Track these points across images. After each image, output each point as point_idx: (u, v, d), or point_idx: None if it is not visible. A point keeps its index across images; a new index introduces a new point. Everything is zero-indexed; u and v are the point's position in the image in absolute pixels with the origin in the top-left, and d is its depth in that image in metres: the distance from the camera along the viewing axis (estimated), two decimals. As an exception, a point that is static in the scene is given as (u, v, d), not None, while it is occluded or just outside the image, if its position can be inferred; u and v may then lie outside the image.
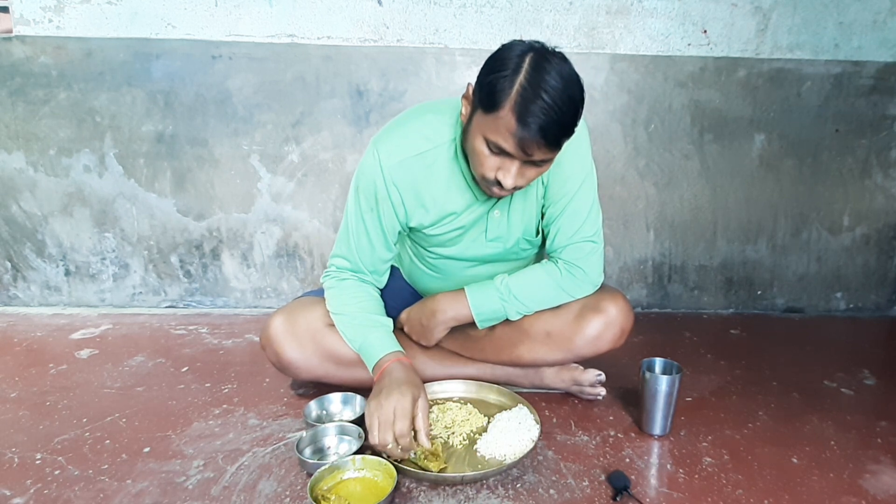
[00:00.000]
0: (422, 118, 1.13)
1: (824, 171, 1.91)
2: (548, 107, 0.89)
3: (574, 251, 1.19)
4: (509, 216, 1.19)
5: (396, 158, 1.10)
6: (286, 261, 1.93)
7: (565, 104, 0.91)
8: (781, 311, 2.04)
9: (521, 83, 0.90)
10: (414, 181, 1.12)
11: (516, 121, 0.90)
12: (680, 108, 1.84)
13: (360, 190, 1.14)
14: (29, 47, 1.71)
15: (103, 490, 1.01)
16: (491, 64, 0.95)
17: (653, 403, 1.18)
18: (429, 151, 1.11)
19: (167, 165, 1.82)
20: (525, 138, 0.91)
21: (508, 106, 0.90)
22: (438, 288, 1.30)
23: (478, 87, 0.96)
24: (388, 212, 1.15)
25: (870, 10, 1.78)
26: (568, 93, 0.91)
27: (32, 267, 1.90)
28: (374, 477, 1.01)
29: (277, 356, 1.23)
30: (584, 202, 1.18)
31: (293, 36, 1.74)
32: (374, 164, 1.11)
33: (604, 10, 1.75)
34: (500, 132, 0.93)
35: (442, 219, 1.16)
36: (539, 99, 0.89)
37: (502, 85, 0.91)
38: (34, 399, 1.33)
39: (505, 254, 1.24)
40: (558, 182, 1.16)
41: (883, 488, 1.05)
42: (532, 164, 0.98)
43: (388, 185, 1.12)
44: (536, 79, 0.89)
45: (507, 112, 0.91)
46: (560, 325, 1.23)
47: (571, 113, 0.93)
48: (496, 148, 0.95)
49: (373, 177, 1.12)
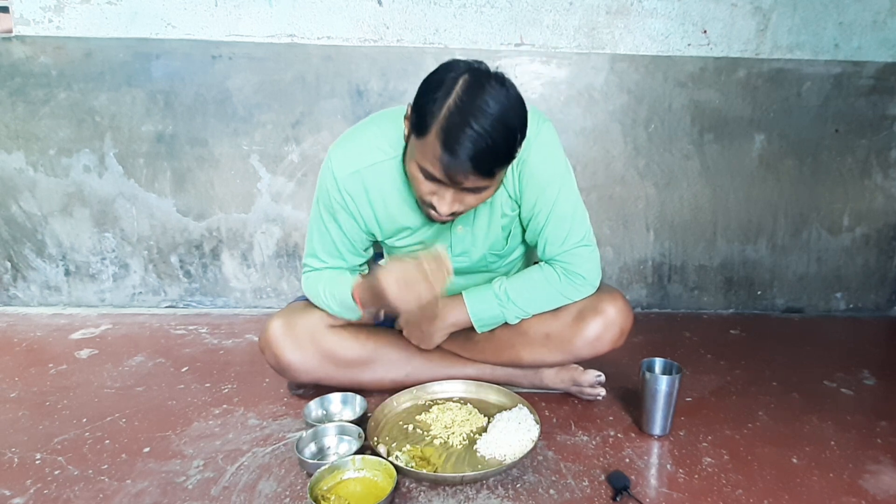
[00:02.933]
0: (378, 127, 1.10)
1: (824, 171, 1.91)
2: (476, 134, 0.84)
3: (569, 258, 1.17)
4: (473, 232, 1.16)
5: (349, 169, 1.08)
6: (286, 261, 1.93)
7: (497, 131, 0.85)
8: (781, 311, 2.04)
9: (448, 107, 0.85)
10: (366, 192, 1.10)
11: (441, 147, 0.86)
12: (680, 108, 1.84)
13: (320, 199, 1.14)
14: (29, 47, 1.71)
15: (103, 490, 1.01)
16: (425, 85, 0.90)
17: (653, 403, 1.18)
18: (383, 163, 1.07)
19: (167, 165, 1.82)
20: (451, 166, 0.86)
21: (434, 131, 0.86)
22: None
23: (413, 110, 0.92)
24: (347, 220, 1.14)
25: (870, 10, 1.78)
26: (502, 120, 0.86)
27: (32, 267, 1.90)
28: (373, 477, 1.01)
29: (277, 359, 1.23)
30: (566, 207, 1.14)
31: (293, 36, 1.74)
32: (328, 173, 1.10)
33: (604, 10, 1.75)
34: (429, 158, 0.89)
35: (398, 232, 1.15)
36: (466, 126, 0.84)
37: (431, 108, 0.86)
38: (34, 399, 1.33)
39: (473, 267, 1.23)
40: (534, 193, 1.12)
41: (883, 488, 1.05)
42: (468, 191, 0.93)
43: (342, 193, 1.10)
44: (466, 103, 0.84)
45: (433, 137, 0.86)
46: (559, 327, 1.23)
47: (504, 140, 0.88)
48: (428, 174, 0.91)
49: (327, 186, 1.11)
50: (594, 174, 1.88)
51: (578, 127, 1.84)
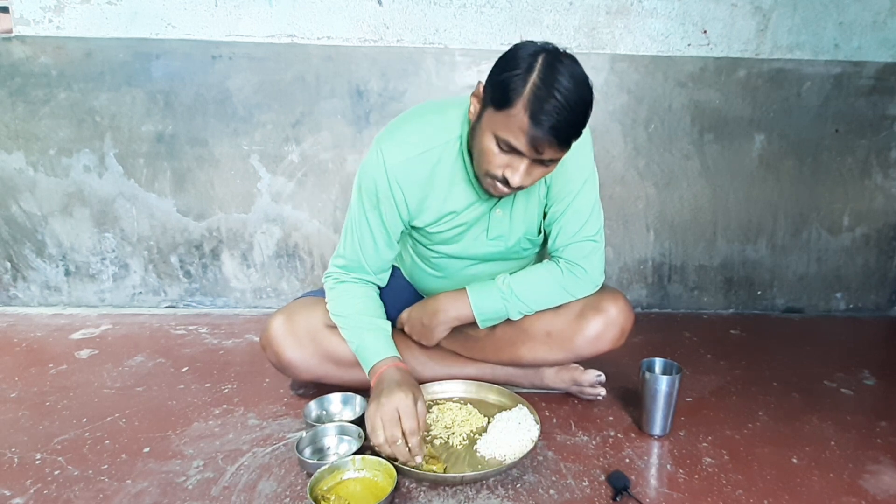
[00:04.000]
0: (424, 117, 1.14)
1: (824, 171, 1.91)
2: (560, 106, 0.90)
3: (575, 250, 1.20)
4: (511, 215, 1.19)
5: (400, 157, 1.10)
6: (286, 261, 1.93)
7: (577, 104, 0.92)
8: (781, 311, 2.04)
9: (534, 82, 0.91)
10: (417, 180, 1.12)
11: (529, 119, 0.91)
12: (680, 108, 1.84)
13: (363, 189, 1.15)
14: (29, 47, 1.71)
15: (103, 490, 1.01)
16: (503, 63, 0.96)
17: (653, 403, 1.18)
18: (432, 150, 1.11)
19: (167, 165, 1.82)
20: (537, 136, 0.92)
21: (521, 104, 0.91)
22: (439, 287, 1.30)
23: (489, 85, 0.97)
24: (391, 210, 1.15)
25: (870, 10, 1.78)
26: (579, 93, 0.93)
27: (32, 267, 1.90)
28: (374, 477, 1.01)
29: (277, 357, 1.24)
30: (586, 202, 1.18)
31: (293, 36, 1.74)
32: (377, 163, 1.11)
33: (604, 10, 1.75)
34: (512, 129, 0.93)
35: (443, 217, 1.17)
36: (552, 98, 0.90)
37: (515, 83, 0.92)
38: (34, 399, 1.33)
39: (506, 253, 1.24)
40: (561, 182, 1.16)
41: (883, 488, 1.05)
42: (540, 164, 0.99)
43: (391, 183, 1.12)
44: (549, 78, 0.91)
45: (520, 110, 0.91)
46: (560, 325, 1.23)
47: (582, 113, 0.95)
48: (506, 146, 0.96)
49: (375, 175, 1.12)
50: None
51: (578, 127, 1.84)
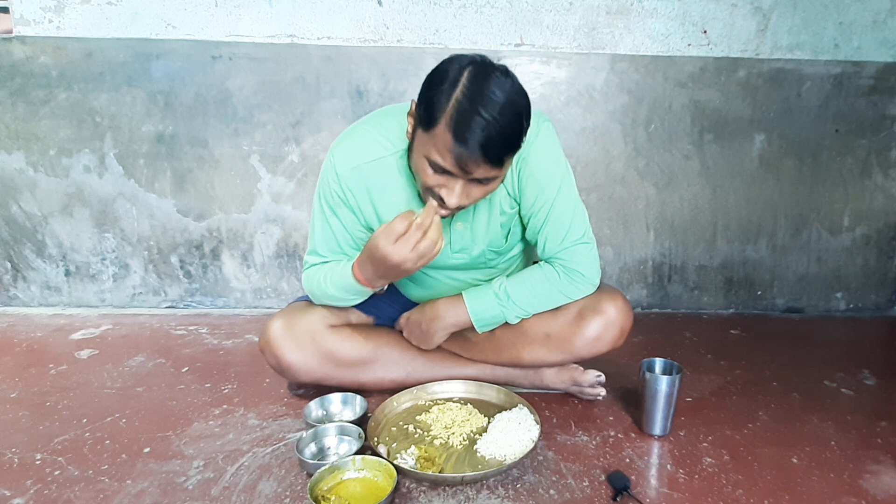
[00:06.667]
0: (379, 123, 1.11)
1: (824, 171, 1.91)
2: (486, 122, 0.86)
3: (568, 255, 1.18)
4: (473, 228, 1.16)
5: (351, 164, 1.09)
6: (286, 261, 1.93)
7: (505, 118, 0.88)
8: (781, 311, 2.04)
9: (457, 97, 0.87)
10: (368, 187, 1.11)
11: (452, 137, 0.87)
12: (680, 109, 1.84)
13: (322, 194, 1.14)
14: (29, 47, 1.71)
15: (103, 490, 1.01)
16: (431, 78, 0.92)
17: (653, 403, 1.18)
18: (384, 158, 1.09)
19: (167, 165, 1.82)
20: (462, 155, 0.88)
21: (444, 121, 0.87)
22: (423, 296, 1.31)
23: (418, 104, 0.93)
24: (348, 215, 1.14)
25: (870, 10, 1.78)
26: (508, 107, 0.88)
27: (32, 267, 1.90)
28: (374, 477, 1.01)
29: (277, 359, 1.23)
30: (566, 206, 1.15)
31: (293, 36, 1.74)
32: (330, 169, 1.11)
33: (604, 10, 1.75)
34: (439, 149, 0.90)
35: None
36: (476, 114, 0.86)
37: (439, 100, 0.88)
38: (34, 399, 1.33)
39: (472, 263, 1.23)
40: (534, 191, 1.13)
41: (883, 488, 1.05)
42: (476, 182, 0.95)
43: (343, 189, 1.11)
44: (474, 93, 0.86)
45: (443, 128, 0.88)
46: (559, 327, 1.23)
47: (512, 128, 0.90)
48: (436, 167, 0.92)
49: (329, 181, 1.11)
50: (594, 174, 1.88)
51: (578, 127, 1.84)
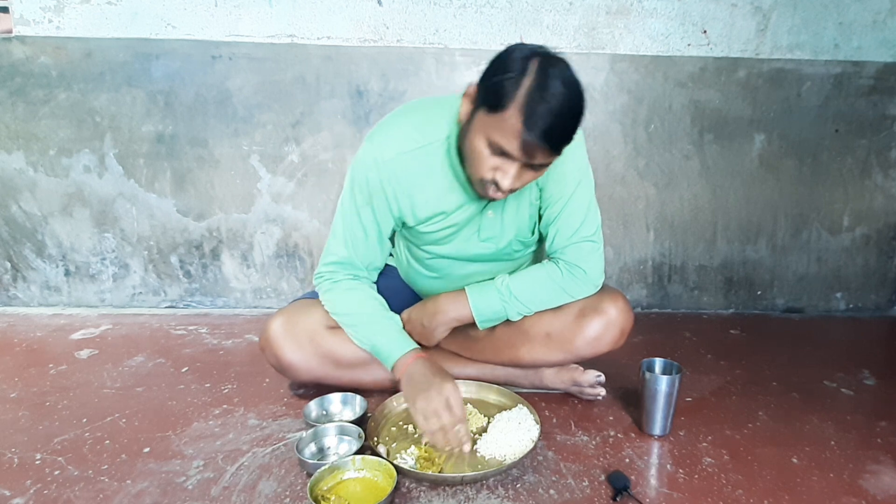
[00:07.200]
0: (418, 113, 1.13)
1: (824, 171, 1.91)
2: (554, 112, 0.90)
3: (574, 251, 1.19)
4: (503, 217, 1.18)
5: (390, 153, 1.10)
6: (286, 261, 1.93)
7: (569, 110, 0.92)
8: (781, 311, 2.04)
9: (528, 86, 0.90)
10: (407, 177, 1.12)
11: (522, 123, 0.90)
12: (680, 109, 1.84)
13: (355, 184, 1.14)
14: (29, 47, 1.71)
15: (103, 490, 1.01)
16: (496, 65, 0.95)
17: (653, 403, 1.18)
18: (423, 147, 1.10)
19: (167, 165, 1.82)
20: (529, 141, 0.91)
21: (515, 108, 0.91)
22: (435, 287, 1.30)
23: (482, 88, 0.96)
24: (382, 206, 1.14)
25: (870, 10, 1.78)
26: (571, 98, 0.93)
27: (32, 267, 1.90)
28: (373, 477, 1.01)
29: (277, 358, 1.24)
30: (581, 202, 1.18)
31: (293, 36, 1.74)
32: (368, 158, 1.11)
33: (604, 10, 1.75)
34: (505, 133, 0.93)
35: (434, 217, 1.16)
36: (545, 103, 0.90)
37: (508, 87, 0.91)
38: (34, 399, 1.33)
39: (498, 254, 1.24)
40: (555, 183, 1.16)
41: (883, 488, 1.05)
42: (530, 168, 0.98)
43: (381, 179, 1.11)
44: (543, 83, 0.90)
45: (513, 113, 0.91)
46: (560, 326, 1.23)
47: (574, 119, 0.94)
48: (497, 149, 0.95)
49: (366, 171, 1.11)
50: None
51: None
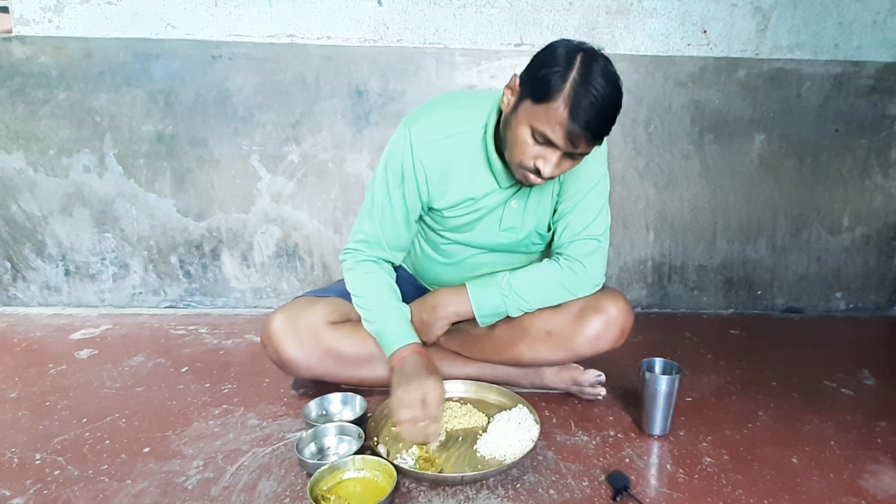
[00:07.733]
0: (455, 103, 1.18)
1: (824, 171, 1.91)
2: (597, 103, 0.95)
3: (577, 247, 1.21)
4: (525, 208, 1.21)
5: (426, 138, 1.13)
6: (286, 261, 1.93)
7: (612, 103, 0.98)
8: (781, 311, 2.04)
9: (573, 80, 0.95)
10: (440, 162, 1.15)
11: (568, 114, 0.95)
12: (680, 109, 1.84)
13: (389, 167, 1.17)
14: (29, 47, 1.71)
15: (103, 490, 1.01)
16: (542, 59, 1.00)
17: (653, 403, 1.18)
18: (457, 135, 1.14)
19: (167, 165, 1.82)
20: (574, 131, 0.96)
21: (561, 99, 0.95)
22: (444, 275, 1.32)
23: (528, 80, 1.01)
24: (413, 190, 1.18)
25: (870, 10, 1.78)
26: (613, 92, 0.98)
27: (32, 267, 1.90)
28: (374, 477, 1.01)
29: (278, 354, 1.24)
30: (595, 202, 1.21)
31: (293, 36, 1.74)
32: (404, 142, 1.14)
33: (604, 10, 1.75)
34: (550, 123, 0.97)
35: (462, 202, 1.19)
36: (590, 95, 0.95)
37: (555, 80, 0.96)
38: (34, 399, 1.33)
39: (515, 245, 1.26)
40: (573, 180, 1.19)
41: (883, 488, 1.05)
42: (569, 157, 1.02)
43: (415, 163, 1.14)
44: (587, 77, 0.95)
45: (560, 105, 0.95)
46: (560, 324, 1.23)
47: (614, 110, 0.99)
48: (542, 137, 0.99)
49: (401, 154, 1.15)
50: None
51: (578, 127, 1.84)
